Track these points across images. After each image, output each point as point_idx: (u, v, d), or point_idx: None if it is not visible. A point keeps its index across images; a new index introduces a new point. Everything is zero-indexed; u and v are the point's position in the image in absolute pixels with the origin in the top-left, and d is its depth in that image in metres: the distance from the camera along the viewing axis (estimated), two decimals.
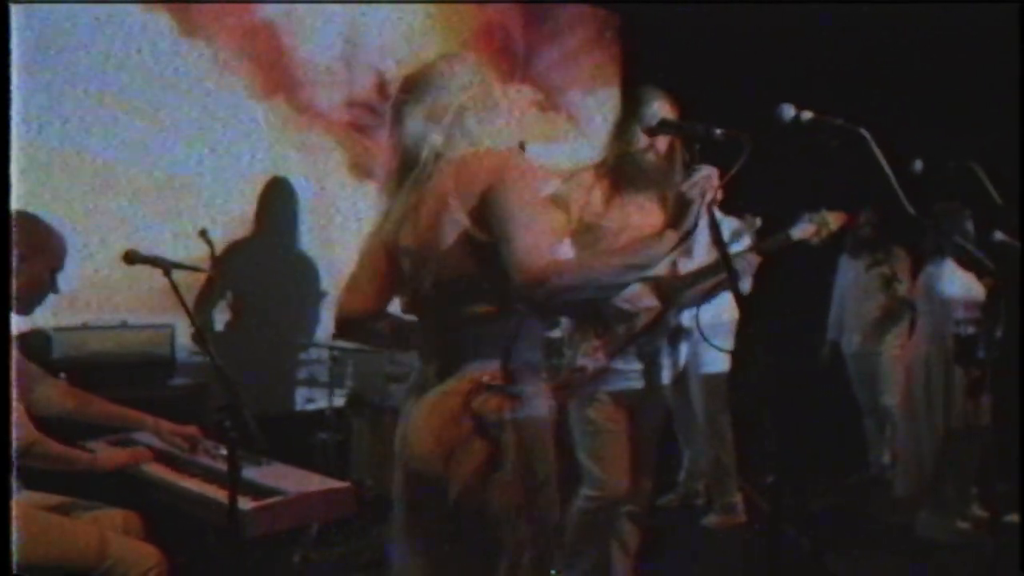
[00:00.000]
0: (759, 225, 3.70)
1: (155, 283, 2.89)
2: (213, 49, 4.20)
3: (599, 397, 2.68)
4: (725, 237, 3.92)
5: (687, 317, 2.83)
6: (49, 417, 2.60)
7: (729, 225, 4.07)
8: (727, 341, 3.87)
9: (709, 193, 1.86)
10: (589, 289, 1.82)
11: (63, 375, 3.08)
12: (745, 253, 2.88)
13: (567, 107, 5.48)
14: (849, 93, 4.18)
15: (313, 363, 4.38)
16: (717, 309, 3.40)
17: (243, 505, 2.21)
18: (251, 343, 4.18)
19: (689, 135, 1.92)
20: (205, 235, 4.05)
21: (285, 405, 4.38)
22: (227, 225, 4.21)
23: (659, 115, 2.56)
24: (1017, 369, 3.17)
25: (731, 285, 1.99)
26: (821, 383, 5.25)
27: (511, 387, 1.77)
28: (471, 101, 1.88)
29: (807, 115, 2.15)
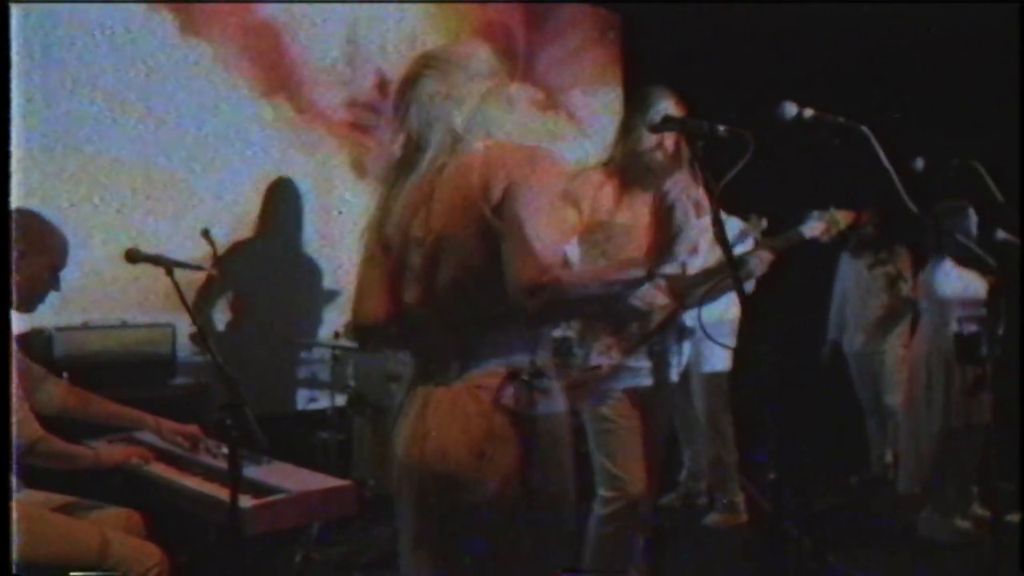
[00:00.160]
0: (765, 226, 3.69)
1: (157, 282, 2.89)
2: (215, 48, 4.20)
3: (614, 394, 2.66)
4: (731, 237, 3.93)
5: (690, 316, 2.82)
6: (50, 416, 2.59)
7: (735, 225, 4.07)
8: (731, 339, 3.87)
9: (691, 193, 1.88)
10: (579, 304, 1.78)
11: (65, 374, 3.08)
12: (758, 251, 2.84)
13: (568, 107, 5.48)
14: (851, 91, 4.17)
15: (315, 362, 4.38)
16: (721, 307, 3.40)
17: (244, 503, 2.21)
18: (253, 342, 4.17)
19: (693, 132, 1.92)
20: (207, 235, 4.04)
21: (287, 404, 4.38)
22: (229, 225, 4.21)
23: (665, 113, 2.57)
24: (1017, 368, 3.17)
25: (735, 283, 1.99)
26: (822, 382, 5.24)
27: (539, 381, 1.72)
28: (494, 89, 1.82)
29: (809, 113, 2.16)
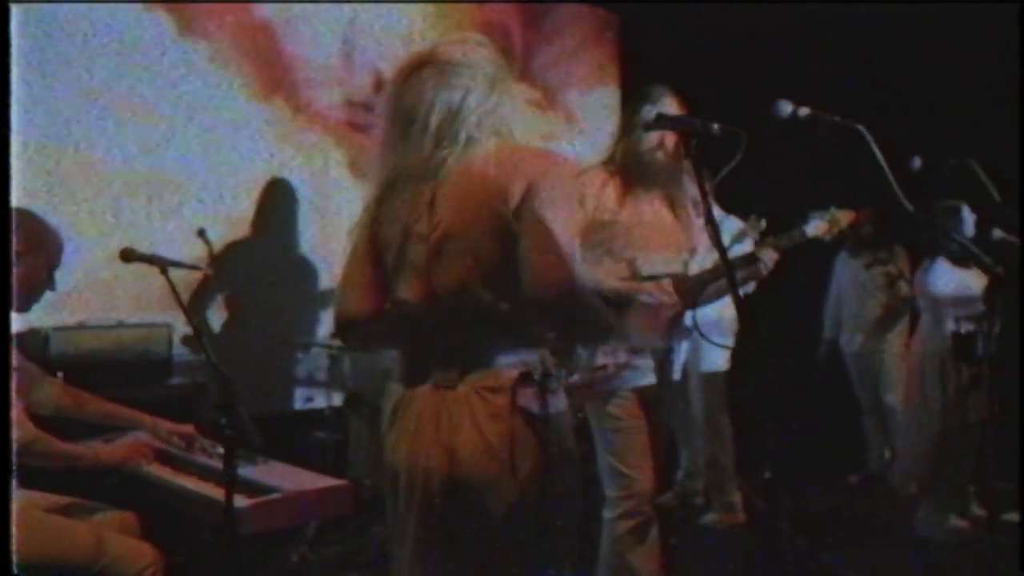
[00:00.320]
0: (764, 226, 3.68)
1: (153, 282, 2.88)
2: (211, 48, 4.19)
3: (620, 393, 2.64)
4: (729, 237, 3.93)
5: (687, 315, 2.82)
6: (46, 416, 2.59)
7: (733, 224, 4.06)
8: (728, 339, 3.86)
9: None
10: (592, 308, 1.77)
11: (60, 374, 3.07)
12: (763, 250, 2.82)
13: (565, 106, 5.48)
14: (849, 91, 4.18)
15: (312, 362, 4.37)
16: (718, 306, 3.39)
17: (239, 503, 2.21)
18: (250, 342, 4.17)
19: (686, 130, 1.92)
20: (203, 234, 4.05)
21: (284, 404, 4.37)
22: (225, 224, 4.20)
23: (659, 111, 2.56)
24: (1014, 366, 3.17)
25: (729, 283, 1.99)
26: (819, 382, 5.25)
27: (551, 381, 1.71)
28: (503, 86, 1.79)
29: (804, 111, 2.16)
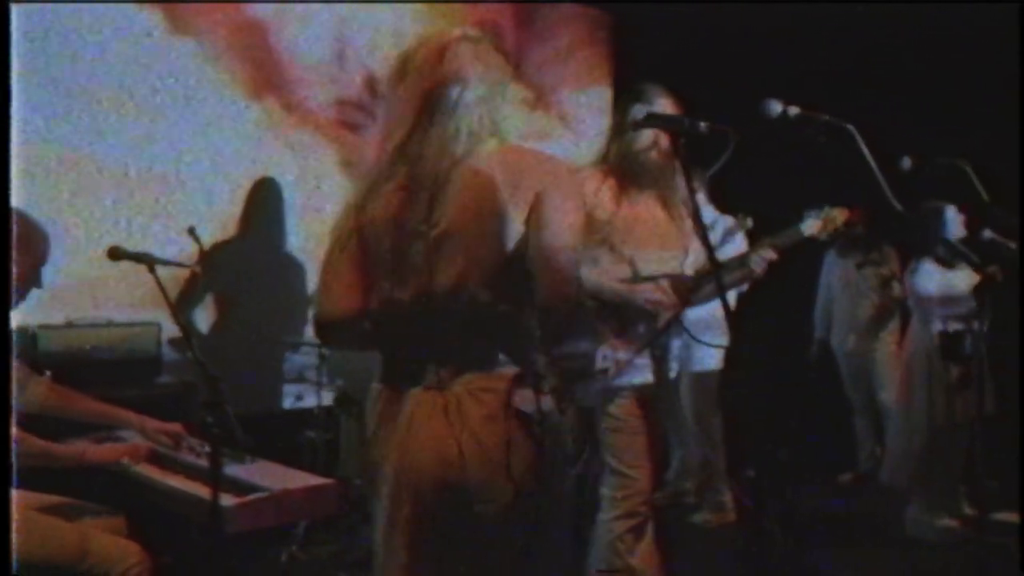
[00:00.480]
0: (751, 225, 3.68)
1: (142, 280, 2.86)
2: (202, 46, 4.18)
3: (621, 393, 2.65)
4: (718, 236, 3.93)
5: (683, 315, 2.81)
6: (32, 414, 2.57)
7: (723, 223, 4.07)
8: (720, 338, 3.85)
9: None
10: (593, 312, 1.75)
11: (48, 373, 3.06)
12: (760, 250, 2.80)
13: (557, 106, 5.47)
14: (842, 90, 4.18)
15: (302, 361, 4.35)
16: (710, 306, 3.39)
17: (225, 502, 2.20)
18: (240, 341, 4.16)
19: (675, 129, 1.91)
20: (193, 232, 4.03)
21: (274, 403, 4.36)
22: (216, 223, 4.19)
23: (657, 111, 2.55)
24: (1008, 365, 3.17)
25: (716, 283, 1.98)
26: (810, 381, 5.25)
27: (545, 382, 1.70)
28: (503, 84, 1.77)
29: (794, 110, 2.16)
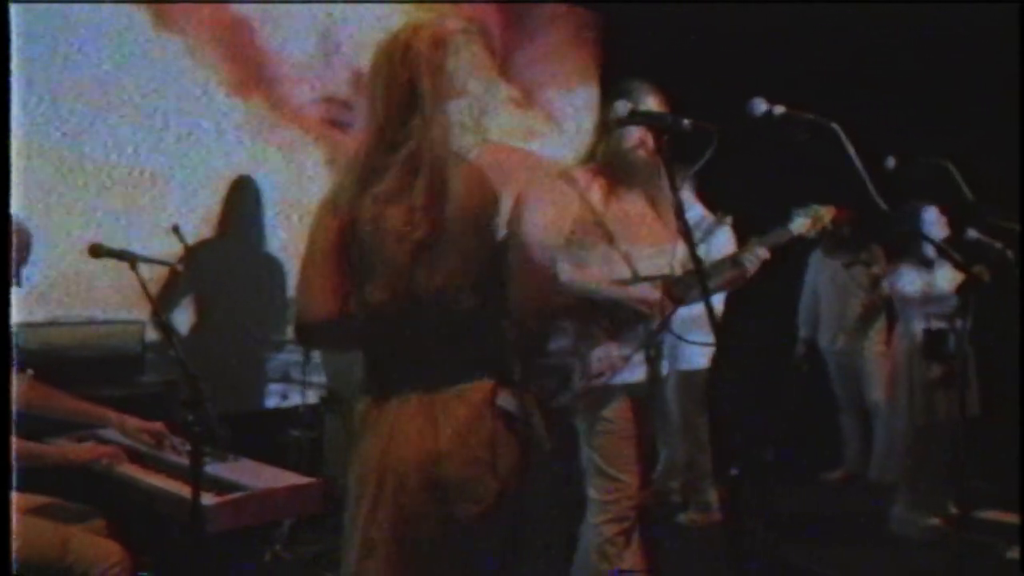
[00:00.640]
0: (730, 221, 3.68)
1: (126, 278, 2.85)
2: (187, 43, 4.15)
3: (615, 396, 2.60)
4: (699, 234, 3.92)
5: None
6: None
7: (709, 221, 4.05)
8: (709, 336, 3.83)
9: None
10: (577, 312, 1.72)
11: (31, 371, 3.04)
12: (753, 248, 2.76)
13: (545, 105, 5.47)
14: (832, 90, 4.19)
15: (287, 360, 4.33)
16: (699, 304, 3.37)
17: (206, 501, 2.19)
18: (225, 340, 4.14)
19: (658, 126, 1.90)
20: (177, 231, 4.01)
21: (258, 402, 4.34)
22: (201, 221, 4.16)
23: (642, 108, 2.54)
24: (992, 365, 3.19)
25: (701, 283, 1.96)
26: (796, 380, 5.25)
27: (532, 382, 1.69)
28: (489, 82, 1.69)
29: (779, 109, 2.15)
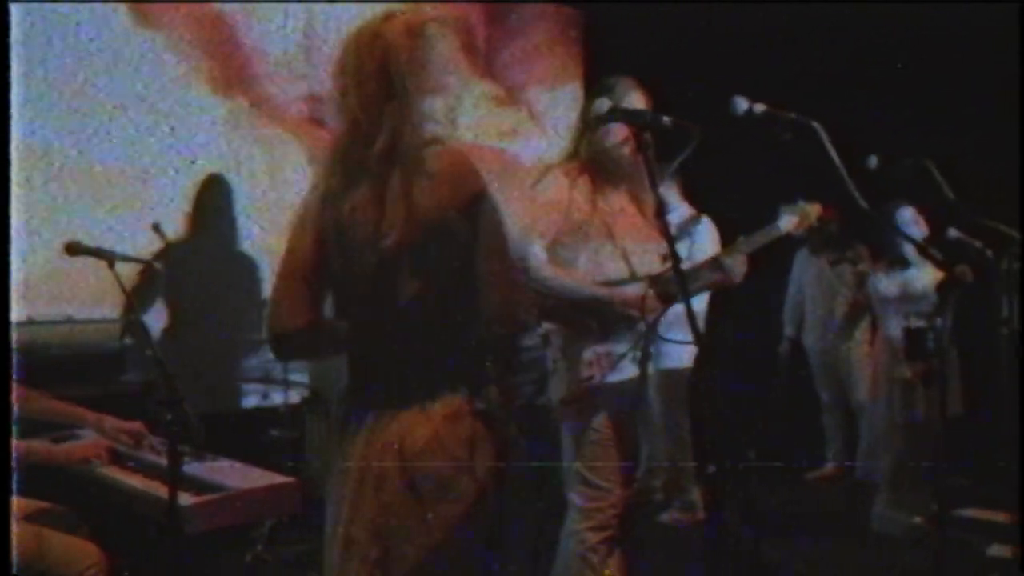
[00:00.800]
0: (701, 220, 3.70)
1: (105, 276, 2.82)
2: (168, 39, 4.12)
3: (605, 402, 2.55)
4: (684, 233, 3.93)
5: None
6: None
7: (702, 227, 4.06)
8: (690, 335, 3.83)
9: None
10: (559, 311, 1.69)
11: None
12: (741, 247, 2.72)
13: (528, 103, 5.45)
14: (817, 88, 4.20)
15: (269, 360, 4.31)
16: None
17: (184, 501, 2.17)
18: (206, 340, 4.11)
19: (638, 123, 1.89)
20: (158, 229, 3.99)
21: (240, 402, 4.31)
22: (182, 219, 4.13)
23: (636, 107, 2.51)
24: (976, 364, 3.20)
25: (680, 282, 1.94)
26: (779, 379, 5.26)
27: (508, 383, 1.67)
28: (465, 81, 1.66)
29: (760, 108, 2.15)
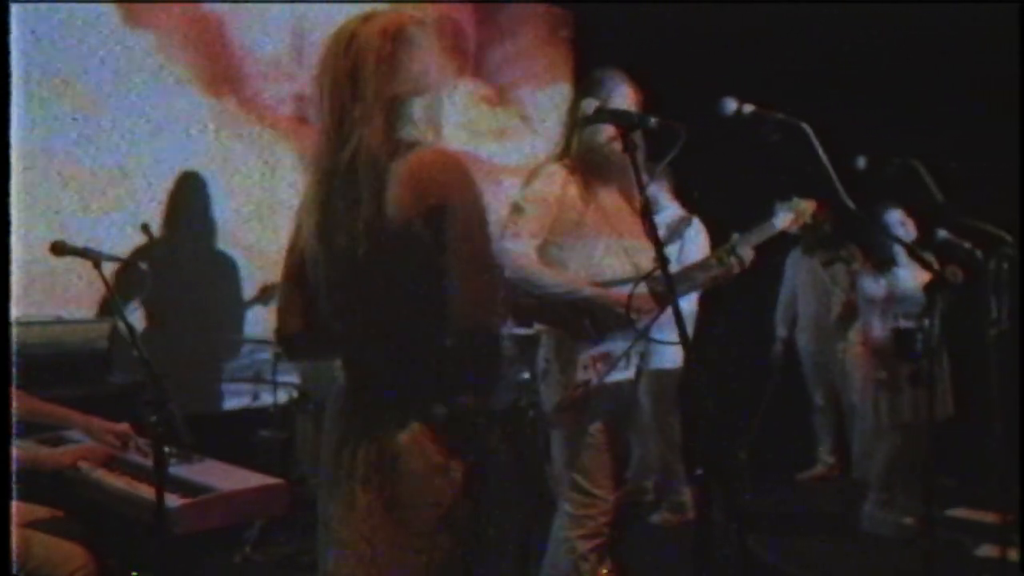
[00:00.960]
0: (692, 222, 3.70)
1: (94, 276, 2.80)
2: (157, 39, 4.10)
3: (600, 407, 2.53)
4: (673, 234, 3.92)
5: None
6: None
7: (695, 229, 4.05)
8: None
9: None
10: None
11: None
12: (738, 248, 2.69)
13: (518, 103, 5.45)
14: (808, 89, 4.21)
15: (259, 360, 4.29)
16: (681, 301, 3.36)
17: (171, 503, 2.16)
18: (194, 340, 4.09)
19: (625, 124, 1.89)
20: (147, 229, 3.98)
21: (229, 402, 4.30)
22: (164, 218, 4.11)
23: (627, 103, 2.51)
24: (967, 365, 3.20)
25: (668, 286, 1.93)
26: (771, 379, 5.27)
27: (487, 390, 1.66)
28: (443, 82, 1.62)
29: (748, 108, 2.16)
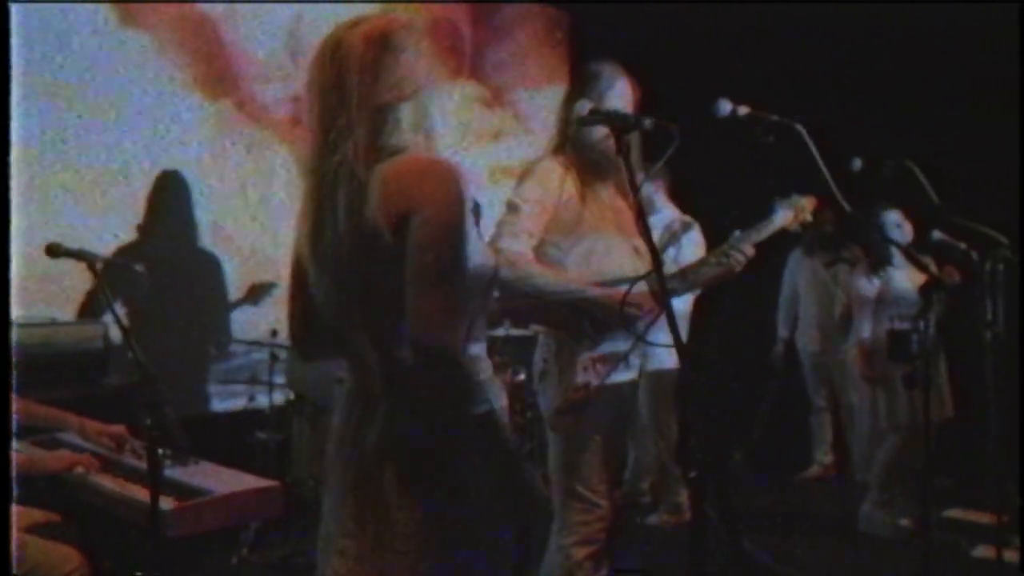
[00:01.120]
0: (690, 224, 3.69)
1: (89, 278, 2.79)
2: (152, 40, 4.09)
3: (601, 412, 2.47)
4: (669, 236, 3.92)
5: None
6: None
7: (678, 224, 4.06)
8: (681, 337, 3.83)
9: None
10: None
11: None
12: (740, 244, 2.65)
13: (514, 104, 5.45)
14: (805, 90, 4.21)
15: (255, 361, 4.29)
16: (676, 302, 3.35)
17: (165, 505, 2.15)
18: (190, 341, 4.09)
19: (619, 125, 1.88)
20: (139, 229, 3.98)
21: (225, 404, 4.29)
22: (152, 220, 4.09)
23: (623, 98, 2.49)
24: (965, 367, 3.20)
25: (660, 283, 1.92)
26: (769, 381, 5.27)
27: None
28: (436, 83, 1.57)
29: (743, 110, 2.16)
